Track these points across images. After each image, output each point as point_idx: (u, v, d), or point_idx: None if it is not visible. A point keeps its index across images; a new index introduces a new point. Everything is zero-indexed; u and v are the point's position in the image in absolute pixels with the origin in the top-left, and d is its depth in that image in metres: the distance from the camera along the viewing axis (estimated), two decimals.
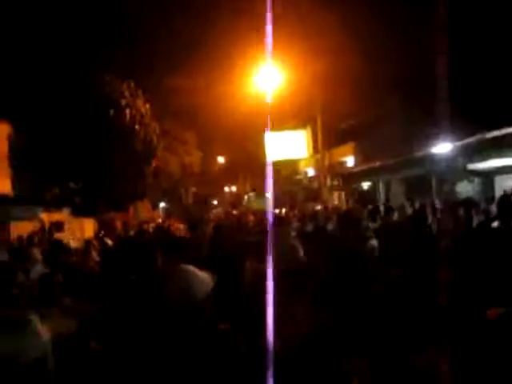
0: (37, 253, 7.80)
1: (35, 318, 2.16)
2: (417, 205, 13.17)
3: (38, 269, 7.09)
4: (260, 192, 42.89)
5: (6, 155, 16.47)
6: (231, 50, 25.62)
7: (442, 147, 14.60)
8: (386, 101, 22.16)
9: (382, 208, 11.72)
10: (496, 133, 13.20)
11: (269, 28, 1.87)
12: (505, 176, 15.31)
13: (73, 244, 13.22)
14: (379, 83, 21.39)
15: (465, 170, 15.31)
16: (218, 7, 26.08)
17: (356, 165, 24.62)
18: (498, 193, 14.16)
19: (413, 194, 18.38)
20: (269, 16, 1.87)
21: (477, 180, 16.14)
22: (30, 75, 19.12)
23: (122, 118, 20.76)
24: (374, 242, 6.03)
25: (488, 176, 15.78)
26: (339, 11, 21.45)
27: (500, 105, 14.16)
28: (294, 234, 6.89)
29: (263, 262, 1.86)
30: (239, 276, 5.22)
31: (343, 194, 25.76)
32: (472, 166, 15.37)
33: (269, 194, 2.10)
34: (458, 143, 13.69)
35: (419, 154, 16.34)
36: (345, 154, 26.03)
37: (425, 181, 17.86)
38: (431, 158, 15.39)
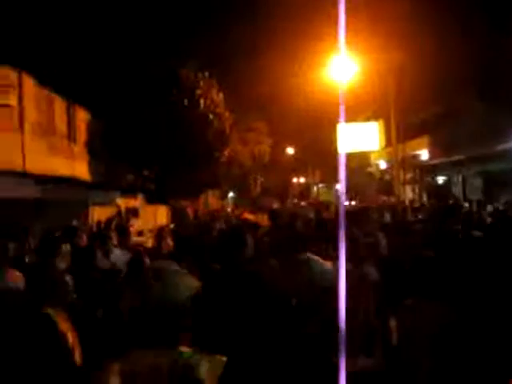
0: (115, 237, 7.98)
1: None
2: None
3: (118, 253, 7.27)
4: (329, 184, 42.62)
5: (85, 141, 16.93)
6: (305, 40, 25.46)
7: None
8: (461, 93, 21.47)
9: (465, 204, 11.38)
10: None
11: (342, 18, 1.85)
12: None
13: (147, 230, 13.53)
14: (455, 75, 20.77)
15: None
16: None
17: (430, 158, 24.02)
18: None
19: (492, 189, 17.81)
20: (342, 6, 1.84)
21: None
22: (109, 63, 19.61)
23: (197, 107, 20.98)
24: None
25: None
26: (414, 3, 20.98)
27: None
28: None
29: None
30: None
31: (416, 187, 25.22)
32: None
33: (339, 186, 2.04)
34: None
35: (499, 147, 15.81)
36: (419, 147, 25.41)
37: (504, 176, 17.27)
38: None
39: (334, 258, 4.10)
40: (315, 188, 50.34)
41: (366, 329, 4.24)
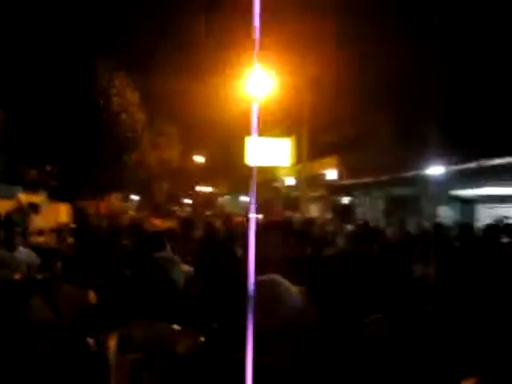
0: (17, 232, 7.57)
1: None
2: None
3: (22, 249, 6.89)
4: (234, 195, 42.79)
5: None
6: (223, 51, 25.49)
7: (431, 170, 14.71)
8: (373, 118, 22.28)
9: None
10: (484, 162, 13.34)
11: (256, 32, 1.83)
12: (485, 204, 15.48)
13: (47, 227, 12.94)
14: (368, 101, 21.52)
15: (449, 195, 15.46)
16: (212, 9, 25.98)
17: (338, 178, 24.67)
18: (478, 221, 14.29)
19: (393, 212, 18.48)
20: (256, 22, 1.82)
21: (458, 206, 16.28)
22: (17, 54, 18.73)
23: (110, 105, 20.46)
24: None
25: (470, 203, 15.94)
26: (330, 24, 21.52)
27: (493, 135, 14.31)
28: None
29: None
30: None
31: (321, 205, 25.79)
32: (456, 192, 15.51)
33: (249, 199, 2.03)
34: (448, 168, 13.80)
35: (406, 173, 16.44)
36: (327, 167, 26.06)
37: (406, 201, 17.97)
38: (417, 179, 15.50)
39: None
40: (220, 199, 50.43)
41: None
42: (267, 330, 2.32)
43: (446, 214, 15.76)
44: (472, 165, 13.92)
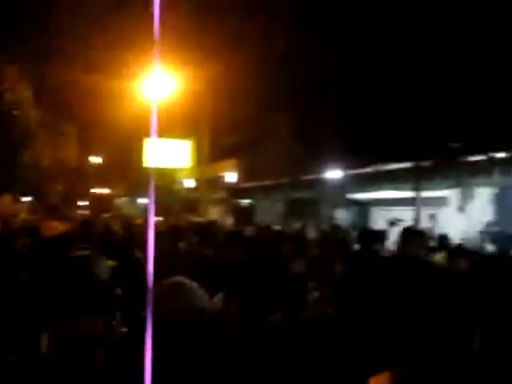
0: None
1: None
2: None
3: None
4: (132, 198, 41.98)
5: None
6: (123, 51, 24.96)
7: (329, 174, 15.11)
8: (273, 123, 22.59)
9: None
10: (379, 167, 13.86)
11: (157, 33, 1.85)
12: (379, 207, 16.12)
13: None
14: (268, 103, 21.80)
15: (345, 198, 15.95)
16: (112, 7, 25.41)
17: (238, 181, 24.81)
18: (373, 223, 14.86)
19: (292, 215, 18.82)
20: (156, 23, 1.84)
21: (354, 209, 16.84)
22: None
23: (0, 101, 19.50)
24: None
25: (365, 206, 16.53)
26: (231, 27, 21.65)
27: (389, 141, 14.89)
28: None
29: None
30: None
31: (221, 208, 25.84)
32: (353, 196, 16.03)
33: (148, 201, 2.04)
34: (345, 172, 14.22)
35: (305, 177, 16.78)
36: (227, 169, 26.13)
37: (305, 203, 18.36)
38: (316, 183, 15.87)
39: None
40: (117, 200, 49.28)
41: None
42: (171, 326, 2.52)
43: (342, 216, 16.27)
44: (368, 169, 14.45)
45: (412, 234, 6.43)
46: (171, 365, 2.42)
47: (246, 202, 23.71)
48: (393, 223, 10.20)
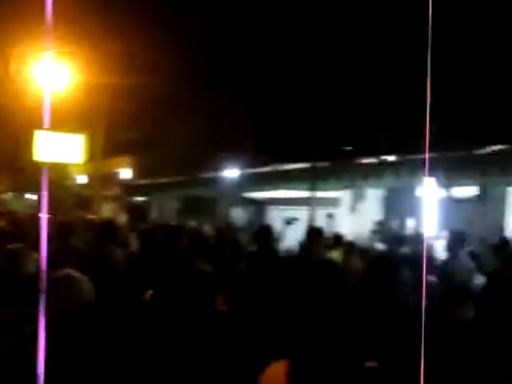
0: None
1: None
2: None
3: None
4: (19, 193, 40.12)
5: None
6: (14, 40, 23.76)
7: (226, 172, 15.18)
8: (170, 118, 22.29)
9: None
10: (277, 167, 14.09)
11: (49, 24, 1.82)
12: (275, 207, 16.39)
13: None
14: (164, 102, 21.54)
15: (242, 197, 16.08)
16: None
17: (133, 178, 24.36)
18: (269, 222, 15.07)
19: (188, 213, 18.73)
20: (49, 14, 1.80)
21: (251, 208, 17.02)
22: None
23: None
24: None
25: (262, 205, 16.75)
26: (126, 24, 21.24)
27: (287, 141, 15.13)
28: None
29: None
30: None
31: (115, 205, 25.27)
32: (249, 194, 16.19)
33: (37, 197, 2.02)
34: (242, 171, 14.34)
35: (202, 174, 16.74)
36: (122, 166, 25.59)
37: (202, 202, 18.34)
38: (213, 181, 15.88)
39: None
40: (3, 196, 46.88)
41: None
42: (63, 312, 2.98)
43: (239, 215, 16.41)
44: (265, 169, 14.64)
45: (316, 234, 6.63)
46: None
47: (141, 199, 23.33)
48: (289, 222, 10.40)
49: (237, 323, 4.10)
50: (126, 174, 25.16)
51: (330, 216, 10.68)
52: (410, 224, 11.89)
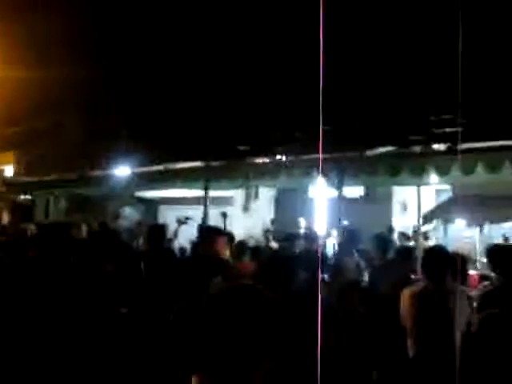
0: None
1: None
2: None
3: None
4: None
5: None
6: None
7: (117, 171, 14.79)
8: (61, 112, 21.35)
9: None
10: (169, 166, 13.81)
11: None
12: (167, 206, 16.18)
13: None
14: (57, 96, 20.65)
15: (132, 196, 15.72)
16: None
17: (16, 175, 23.11)
18: (162, 221, 14.86)
19: (75, 212, 18.10)
20: None
21: (142, 207, 16.69)
22: None
23: None
24: None
25: (154, 204, 16.48)
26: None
27: (180, 140, 14.92)
28: None
29: None
30: None
31: None
32: (141, 193, 15.86)
33: None
34: (134, 170, 14.01)
35: (91, 173, 16.18)
36: (5, 162, 24.20)
37: (90, 200, 17.78)
38: (103, 179, 15.40)
39: None
40: None
41: None
42: None
43: (129, 214, 16.03)
44: (157, 167, 14.33)
45: (215, 233, 6.59)
46: None
47: (25, 197, 22.19)
48: (181, 221, 10.30)
49: (137, 325, 4.02)
50: (10, 171, 23.83)
51: (223, 215, 10.65)
52: (303, 223, 12.12)
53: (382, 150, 9.04)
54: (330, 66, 3.01)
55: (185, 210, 13.92)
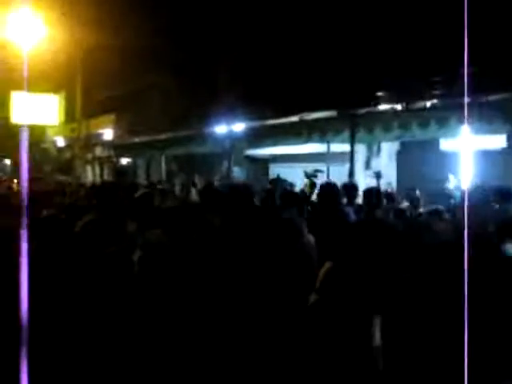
0: None
1: None
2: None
3: None
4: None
5: None
6: None
7: (221, 129, 14.18)
8: (152, 73, 20.90)
9: None
10: (273, 121, 13.00)
11: None
12: (278, 164, 15.44)
13: None
14: (145, 53, 20.28)
15: (243, 154, 15.12)
16: None
17: (116, 138, 23.07)
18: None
19: (175, 172, 17.80)
20: None
21: (252, 166, 16.07)
22: None
23: None
24: None
25: (264, 163, 15.84)
26: None
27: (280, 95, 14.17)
28: None
29: None
30: None
31: (98, 168, 24.18)
32: (249, 152, 15.23)
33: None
34: (239, 127, 13.32)
35: (192, 132, 15.62)
36: (104, 126, 24.23)
37: (194, 160, 17.36)
38: (205, 137, 14.83)
39: None
40: None
41: None
42: None
43: (238, 173, 15.43)
44: (265, 123, 13.55)
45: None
46: None
47: (126, 160, 22.15)
48: (311, 175, 9.06)
49: None
50: (109, 134, 23.81)
51: (377, 175, 9.43)
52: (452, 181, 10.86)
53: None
54: None
55: (298, 169, 13.14)
